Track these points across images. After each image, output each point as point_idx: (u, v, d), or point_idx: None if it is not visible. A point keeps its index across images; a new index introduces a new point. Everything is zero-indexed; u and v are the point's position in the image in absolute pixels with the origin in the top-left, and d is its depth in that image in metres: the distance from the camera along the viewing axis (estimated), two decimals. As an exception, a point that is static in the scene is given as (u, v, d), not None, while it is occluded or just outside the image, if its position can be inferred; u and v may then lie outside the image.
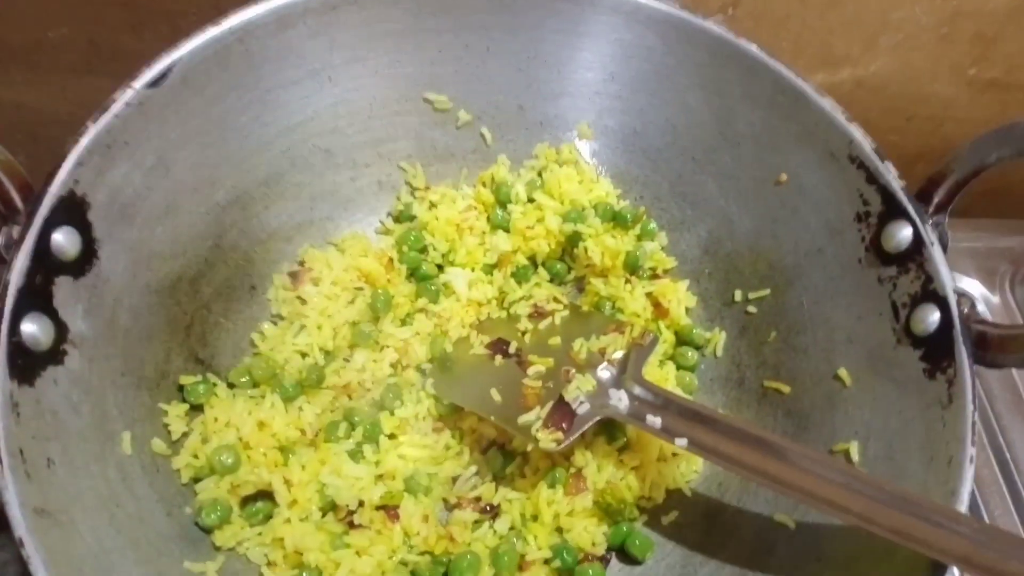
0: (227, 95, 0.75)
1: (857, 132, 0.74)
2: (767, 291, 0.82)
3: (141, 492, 0.65)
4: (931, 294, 0.69)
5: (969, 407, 0.64)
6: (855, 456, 0.71)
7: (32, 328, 0.59)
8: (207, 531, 0.69)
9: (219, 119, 0.75)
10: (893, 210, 0.72)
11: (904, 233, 0.71)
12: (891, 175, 0.72)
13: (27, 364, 0.59)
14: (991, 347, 0.66)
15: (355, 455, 0.74)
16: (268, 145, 0.80)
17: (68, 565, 0.55)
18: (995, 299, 1.06)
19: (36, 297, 0.60)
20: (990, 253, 1.11)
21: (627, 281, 0.86)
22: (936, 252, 0.70)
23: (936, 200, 0.71)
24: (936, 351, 0.68)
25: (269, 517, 0.71)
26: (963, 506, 0.62)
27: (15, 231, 0.61)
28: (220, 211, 0.78)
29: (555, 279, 0.89)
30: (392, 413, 0.77)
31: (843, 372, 0.74)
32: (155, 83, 0.69)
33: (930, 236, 0.70)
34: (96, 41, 1.00)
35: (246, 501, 0.71)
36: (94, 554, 0.58)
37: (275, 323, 0.82)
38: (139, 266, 0.70)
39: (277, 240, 0.83)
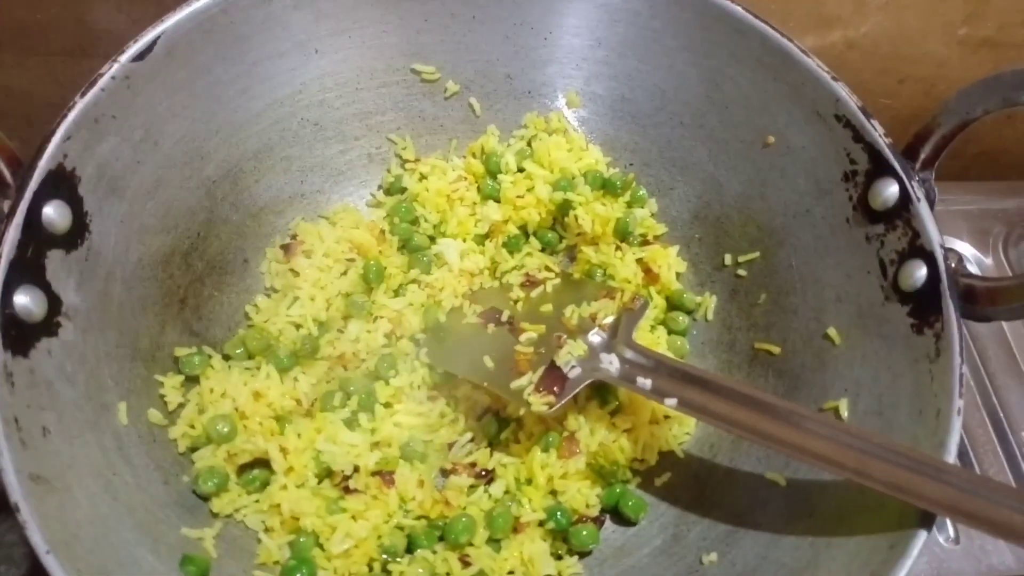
0: (213, 68, 0.75)
1: (843, 90, 0.74)
2: (756, 254, 0.82)
3: (138, 461, 0.66)
4: (918, 250, 0.69)
5: (956, 359, 0.65)
6: (844, 413, 0.71)
7: (25, 300, 0.60)
8: (204, 499, 0.70)
9: (206, 92, 0.76)
10: (880, 168, 0.72)
11: (891, 190, 0.71)
12: (877, 132, 0.72)
13: (20, 335, 0.59)
14: (979, 300, 0.66)
15: (351, 424, 0.75)
16: (256, 118, 0.81)
17: (64, 530, 0.55)
18: (988, 261, 1.07)
19: (28, 270, 0.61)
20: (984, 215, 1.11)
21: (617, 248, 0.86)
22: (923, 208, 0.70)
23: (923, 156, 0.71)
24: (923, 306, 0.68)
25: (266, 484, 0.72)
26: (951, 458, 0.62)
27: (5, 205, 0.62)
28: (211, 185, 0.79)
29: (547, 248, 0.89)
30: (387, 383, 0.78)
31: (832, 331, 0.75)
32: (140, 56, 0.69)
33: (917, 192, 0.70)
34: (85, 22, 1.01)
35: (243, 469, 0.72)
36: (90, 520, 0.58)
37: (268, 295, 0.82)
38: (131, 240, 0.71)
39: (268, 213, 0.84)
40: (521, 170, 0.88)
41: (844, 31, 1.04)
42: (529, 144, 0.89)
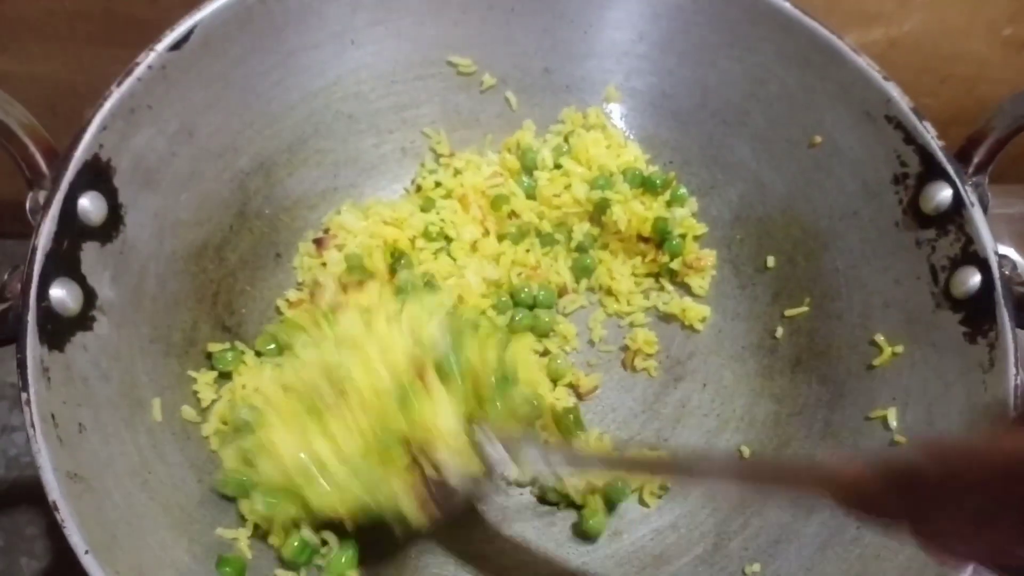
0: (248, 59, 0.74)
1: (895, 91, 0.72)
2: (806, 308, 0.80)
3: (172, 459, 0.65)
4: (971, 256, 0.68)
5: (1011, 370, 0.63)
6: (892, 422, 0.70)
7: (61, 293, 0.59)
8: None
9: (241, 84, 0.74)
10: (932, 171, 0.70)
11: (943, 194, 0.70)
12: (930, 135, 0.71)
13: (56, 330, 0.58)
14: (1035, 309, 0.65)
15: None
16: (291, 110, 0.79)
17: (101, 529, 0.55)
18: (1033, 266, 1.04)
19: (64, 262, 0.60)
20: (1024, 218, 1.09)
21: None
22: (976, 213, 0.68)
23: (976, 160, 0.70)
24: (977, 314, 0.66)
25: None
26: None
27: (41, 196, 0.61)
28: (244, 178, 0.77)
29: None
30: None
31: (880, 337, 0.73)
32: (177, 46, 0.67)
33: (970, 197, 0.69)
34: (112, 10, 0.99)
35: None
36: (127, 519, 0.58)
37: (300, 290, 0.81)
38: (165, 233, 0.70)
39: (301, 207, 0.82)
40: (558, 167, 0.86)
41: (887, 28, 1.01)
42: (566, 140, 0.88)
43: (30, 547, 0.93)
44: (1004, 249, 1.03)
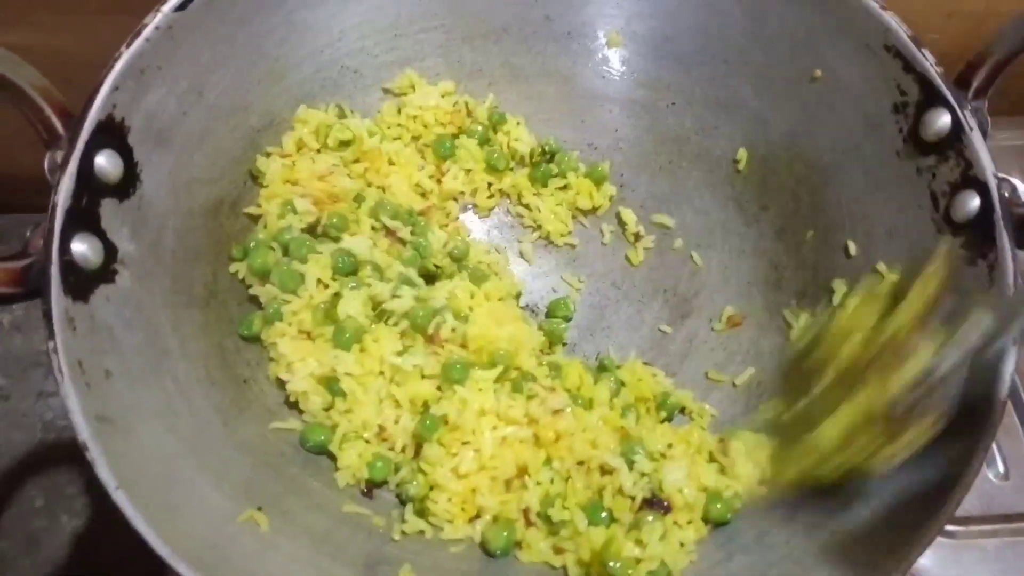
0: (253, 17, 0.75)
1: (893, 20, 0.72)
2: (805, 192, 0.81)
3: (198, 404, 0.67)
4: (971, 180, 0.68)
5: (1010, 291, 0.64)
6: (896, 348, 0.71)
7: (82, 247, 0.61)
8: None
9: (247, 42, 0.76)
10: (931, 98, 0.70)
11: (943, 120, 0.70)
12: (928, 62, 0.71)
13: (79, 282, 0.61)
14: (1034, 230, 0.65)
15: None
16: (297, 67, 0.81)
17: (131, 468, 0.57)
18: (1042, 196, 1.04)
19: (83, 218, 0.62)
20: (1036, 150, 1.08)
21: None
22: (976, 137, 0.68)
23: (975, 85, 0.70)
24: (977, 237, 0.67)
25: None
26: (1005, 389, 0.61)
27: (58, 155, 0.63)
28: (255, 135, 0.79)
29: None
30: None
31: (882, 266, 0.74)
32: (182, 6, 0.69)
33: (969, 121, 0.69)
34: (121, -21, 1.01)
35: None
36: (155, 458, 0.61)
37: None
38: (180, 190, 0.72)
39: (312, 162, 0.84)
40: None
41: (891, -38, 1.00)
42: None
43: (70, 505, 0.97)
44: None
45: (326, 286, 0.73)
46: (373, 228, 0.78)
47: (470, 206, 0.89)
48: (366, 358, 0.71)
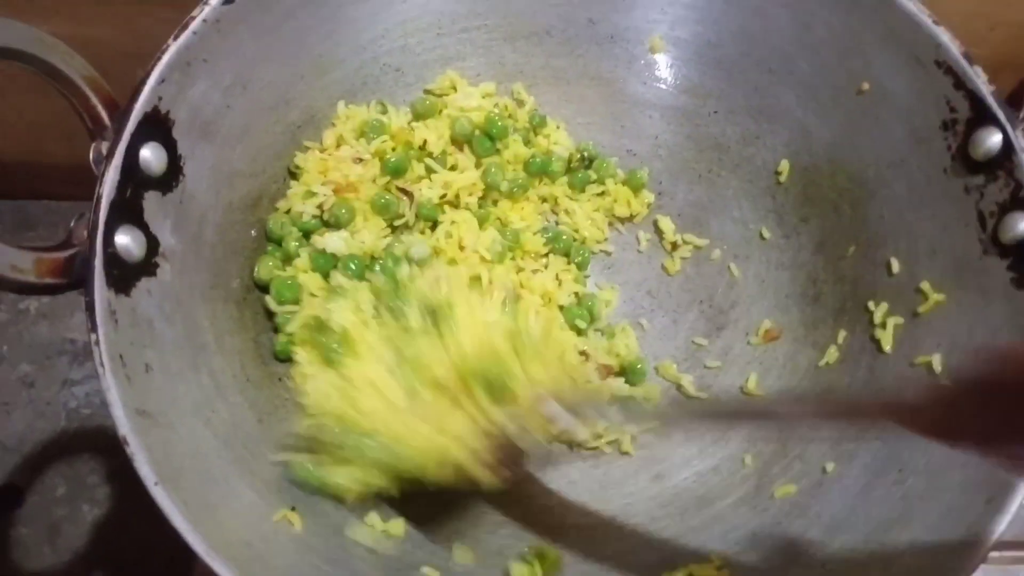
0: (298, 12, 0.75)
1: (944, 35, 0.71)
2: (847, 206, 0.80)
3: (233, 399, 0.68)
4: (1020, 202, 0.67)
5: (1057, 314, 0.63)
6: (937, 368, 0.70)
7: (126, 240, 0.61)
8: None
9: (291, 37, 0.76)
10: (982, 116, 0.69)
11: (993, 140, 0.69)
12: (980, 79, 0.70)
13: (122, 275, 0.61)
14: (1085, 254, 0.64)
15: None
16: (340, 64, 0.80)
17: (169, 463, 0.57)
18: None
19: (127, 210, 0.62)
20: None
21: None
22: (1026, 158, 0.67)
23: (1028, 104, 0.69)
24: (1024, 259, 0.66)
25: None
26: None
27: (104, 147, 0.63)
28: (295, 130, 0.79)
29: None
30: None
31: (925, 285, 0.73)
32: (229, 0, 0.69)
33: (1021, 142, 0.68)
34: (160, -28, 1.01)
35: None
36: (192, 454, 0.60)
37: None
38: (221, 184, 0.72)
39: (350, 161, 0.84)
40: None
41: (935, -28, 0.99)
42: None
43: (91, 494, 0.97)
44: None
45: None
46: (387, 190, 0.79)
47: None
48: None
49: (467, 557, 0.70)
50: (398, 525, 0.69)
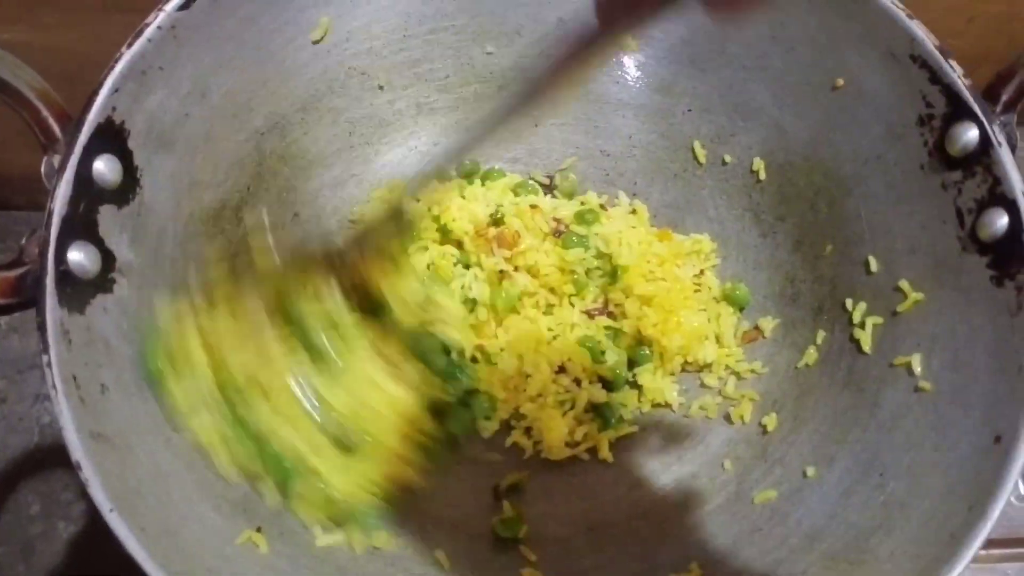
0: (259, 17, 0.73)
1: (919, 30, 0.70)
2: (823, 204, 0.79)
3: (195, 418, 0.66)
4: (998, 197, 0.65)
5: (1039, 312, 0.62)
6: (917, 368, 0.68)
7: (79, 256, 0.59)
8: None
9: (252, 43, 0.74)
10: (958, 111, 0.68)
11: (970, 135, 0.67)
12: (956, 73, 0.68)
13: (76, 292, 0.59)
14: (1065, 251, 0.63)
15: None
16: (303, 68, 0.79)
17: (126, 487, 0.55)
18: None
19: (81, 225, 0.60)
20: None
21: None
22: (1004, 153, 0.66)
23: (1004, 98, 0.67)
24: (1004, 257, 0.64)
25: None
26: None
27: (56, 160, 0.61)
28: (259, 138, 0.77)
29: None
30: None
31: (904, 283, 0.72)
32: (185, 5, 0.66)
33: (998, 137, 0.66)
34: (125, -24, 0.99)
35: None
36: (152, 477, 0.58)
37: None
38: (181, 195, 0.70)
39: (317, 166, 0.82)
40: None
41: (912, -34, 0.98)
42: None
43: (66, 512, 0.95)
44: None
45: None
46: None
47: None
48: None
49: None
50: (380, 538, 0.68)
